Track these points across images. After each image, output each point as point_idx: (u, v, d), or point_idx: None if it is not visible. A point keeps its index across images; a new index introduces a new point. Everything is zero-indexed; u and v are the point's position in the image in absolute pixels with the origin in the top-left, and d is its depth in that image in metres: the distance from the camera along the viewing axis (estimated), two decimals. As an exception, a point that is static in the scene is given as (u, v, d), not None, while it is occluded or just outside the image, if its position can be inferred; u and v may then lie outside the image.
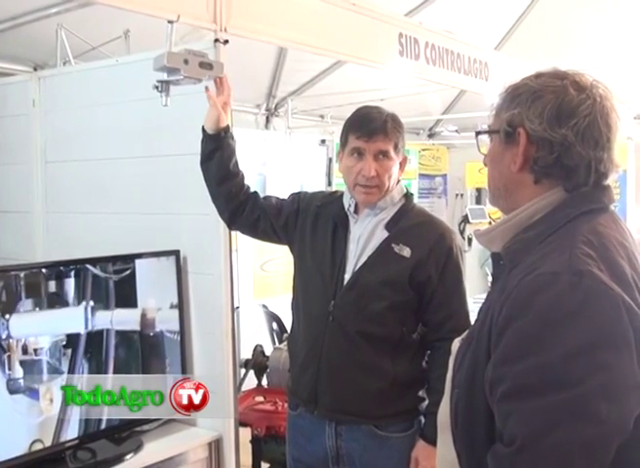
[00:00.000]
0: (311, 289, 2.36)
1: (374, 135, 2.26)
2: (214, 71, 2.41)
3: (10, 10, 3.74)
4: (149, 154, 2.98)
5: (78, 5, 3.42)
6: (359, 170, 2.28)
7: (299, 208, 2.47)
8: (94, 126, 3.23)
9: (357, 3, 3.33)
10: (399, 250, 2.25)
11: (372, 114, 2.30)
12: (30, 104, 3.50)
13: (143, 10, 2.44)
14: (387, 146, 2.27)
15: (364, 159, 2.27)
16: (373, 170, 2.26)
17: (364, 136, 2.26)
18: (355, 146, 2.29)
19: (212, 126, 2.41)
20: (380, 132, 2.26)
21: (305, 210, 2.45)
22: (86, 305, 2.50)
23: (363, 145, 2.27)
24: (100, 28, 3.94)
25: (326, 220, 2.39)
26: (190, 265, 2.84)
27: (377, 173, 2.27)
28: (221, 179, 2.46)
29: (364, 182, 2.28)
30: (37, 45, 4.19)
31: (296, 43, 3.15)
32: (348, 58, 3.57)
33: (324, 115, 6.90)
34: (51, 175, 3.46)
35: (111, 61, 3.26)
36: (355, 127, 2.30)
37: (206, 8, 2.60)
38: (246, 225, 2.54)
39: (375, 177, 2.27)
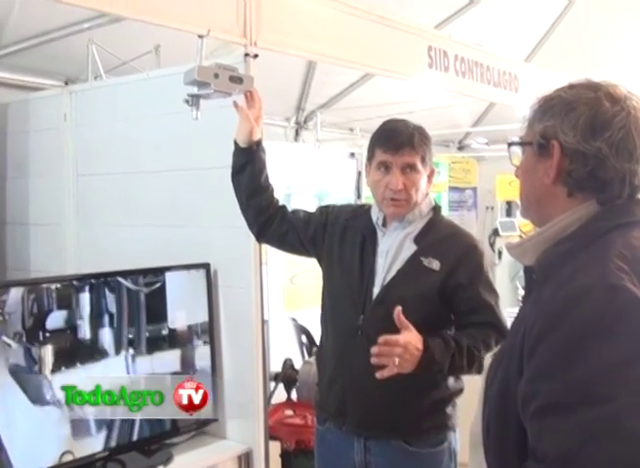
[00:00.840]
0: (340, 302, 2.35)
1: (400, 148, 2.25)
2: (244, 85, 2.43)
3: (41, 25, 3.79)
4: (180, 167, 3.01)
5: (109, 20, 3.44)
6: (386, 183, 2.27)
7: (327, 221, 2.47)
8: (125, 139, 3.26)
9: (386, 16, 3.34)
10: (428, 263, 2.24)
11: (398, 128, 2.30)
12: (62, 118, 3.54)
13: (174, 25, 2.46)
14: (414, 159, 2.26)
15: (391, 172, 2.27)
16: (400, 183, 2.25)
17: (390, 150, 2.26)
18: (382, 160, 2.28)
19: (244, 139, 2.42)
20: (406, 145, 2.25)
21: (333, 223, 2.45)
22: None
23: (390, 159, 2.26)
24: (131, 43, 3.97)
25: (354, 234, 2.38)
26: (220, 278, 2.85)
27: (404, 186, 2.26)
28: (252, 193, 2.47)
29: (391, 196, 2.28)
30: (68, 60, 4.23)
31: (325, 56, 3.16)
32: (377, 70, 3.57)
33: (353, 128, 6.90)
34: (82, 188, 3.50)
35: (142, 76, 3.30)
36: (381, 141, 2.30)
37: (236, 22, 2.62)
38: (274, 238, 2.55)
39: (402, 191, 2.26)
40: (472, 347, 2.15)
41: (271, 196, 2.50)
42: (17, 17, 3.77)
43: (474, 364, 2.15)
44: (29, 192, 3.78)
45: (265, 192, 2.48)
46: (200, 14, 2.49)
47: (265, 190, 2.48)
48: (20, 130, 3.82)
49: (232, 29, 2.62)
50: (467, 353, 2.14)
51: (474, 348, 2.15)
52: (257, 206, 2.48)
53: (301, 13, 2.93)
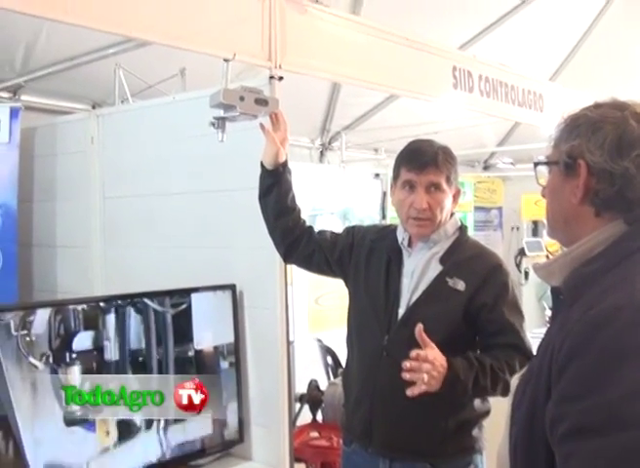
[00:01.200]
0: (365, 323, 2.35)
1: (425, 167, 2.25)
2: (269, 107, 2.45)
3: (69, 50, 3.85)
4: (206, 189, 3.03)
5: (135, 45, 3.49)
6: (411, 202, 2.28)
7: (353, 242, 2.47)
8: (151, 162, 3.29)
9: (410, 37, 3.35)
10: (453, 283, 2.23)
11: (423, 147, 2.30)
12: (89, 141, 3.59)
13: (200, 49, 2.49)
14: (439, 178, 2.26)
15: (416, 192, 2.27)
16: (424, 202, 2.25)
17: (415, 169, 2.26)
18: (407, 179, 2.29)
19: (270, 161, 2.44)
20: (431, 164, 2.25)
21: (360, 244, 2.45)
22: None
23: (414, 178, 2.27)
24: (157, 67, 4.02)
25: (380, 254, 2.38)
26: (246, 299, 2.86)
27: (428, 205, 2.26)
28: (279, 214, 2.48)
29: (416, 215, 2.28)
30: (95, 84, 4.30)
31: (349, 78, 3.18)
32: (402, 92, 3.58)
33: (378, 149, 6.92)
34: (109, 210, 3.53)
35: (168, 99, 3.34)
36: (406, 160, 2.30)
37: (261, 46, 2.65)
38: (301, 259, 2.55)
39: (427, 210, 2.26)
40: (496, 368, 2.13)
41: (298, 217, 2.52)
42: (44, 42, 3.85)
43: (498, 385, 2.13)
44: (56, 215, 3.83)
45: (292, 213, 2.50)
46: (226, 38, 2.53)
47: (292, 211, 2.50)
48: (47, 153, 3.88)
49: (258, 53, 2.65)
50: (491, 373, 2.12)
51: (498, 369, 2.13)
52: (284, 227, 2.49)
53: (326, 35, 2.96)
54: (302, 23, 2.83)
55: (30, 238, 3.94)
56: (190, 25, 2.45)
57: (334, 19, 3.00)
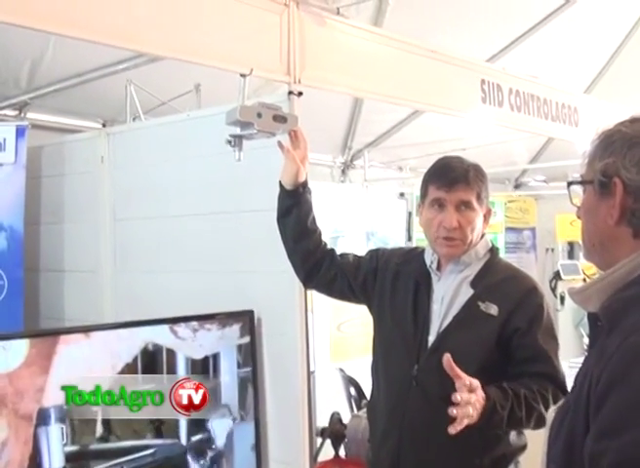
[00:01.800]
0: (392, 351, 2.35)
1: (454, 184, 2.26)
2: (288, 124, 2.47)
3: (78, 66, 3.89)
4: (221, 210, 3.05)
5: (147, 60, 3.54)
6: (440, 221, 2.28)
7: (377, 265, 2.48)
8: (164, 182, 3.32)
9: (436, 50, 3.37)
10: (485, 308, 2.23)
11: (452, 163, 2.31)
12: (99, 161, 3.62)
13: (215, 64, 2.53)
14: (469, 196, 2.27)
15: (445, 210, 2.27)
16: (454, 221, 2.26)
17: (444, 186, 2.27)
18: (435, 197, 2.29)
19: (289, 181, 2.46)
20: (460, 181, 2.26)
21: (384, 267, 2.46)
22: None
23: (443, 195, 2.27)
24: (170, 83, 4.06)
25: (407, 279, 2.38)
26: (264, 326, 2.87)
27: (458, 224, 2.26)
28: (299, 236, 2.49)
29: (446, 234, 2.28)
30: (106, 101, 4.34)
31: (372, 93, 3.20)
32: (428, 107, 3.60)
33: (402, 167, 6.94)
34: (120, 233, 3.56)
35: (182, 116, 3.37)
36: (435, 177, 2.31)
37: (279, 60, 2.68)
38: (322, 284, 2.56)
39: (456, 229, 2.26)
40: (530, 398, 2.11)
41: (319, 239, 2.53)
42: (51, 57, 3.89)
43: (532, 416, 2.12)
44: (64, 238, 3.87)
45: (313, 235, 2.51)
46: (242, 52, 2.56)
47: (313, 233, 2.51)
48: (55, 173, 3.92)
49: (276, 67, 2.68)
50: (525, 404, 2.11)
51: (532, 400, 2.12)
52: (304, 250, 2.51)
53: (347, 49, 2.98)
54: (322, 36, 2.86)
55: (37, 262, 3.98)
56: (205, 39, 2.49)
57: (355, 32, 3.03)
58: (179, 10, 2.41)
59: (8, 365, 2.29)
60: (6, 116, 4.15)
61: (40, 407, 2.33)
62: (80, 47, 3.35)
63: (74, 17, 2.17)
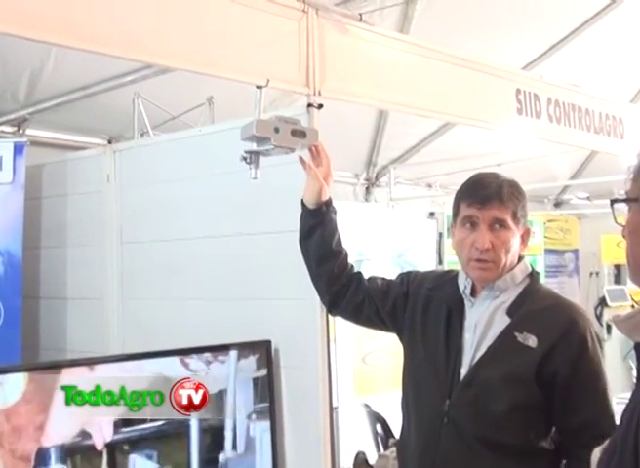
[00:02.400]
0: (423, 385, 2.34)
1: (487, 201, 2.26)
2: (307, 139, 2.48)
3: (81, 78, 3.93)
4: (236, 233, 3.07)
5: (156, 72, 3.56)
6: (472, 242, 2.27)
7: (408, 290, 2.48)
8: (175, 202, 3.35)
9: (467, 57, 3.38)
10: (523, 339, 2.21)
11: (486, 179, 2.32)
12: (105, 180, 3.65)
13: (229, 75, 2.54)
14: (504, 215, 2.26)
15: (477, 229, 2.27)
16: (487, 241, 2.25)
17: (476, 203, 2.27)
18: (467, 215, 2.29)
19: (312, 199, 2.48)
20: (494, 198, 2.26)
21: (416, 292, 2.46)
22: None
23: (476, 213, 2.27)
24: (181, 96, 4.10)
25: (439, 305, 2.38)
26: (282, 357, 2.87)
27: (492, 245, 2.25)
28: (323, 259, 2.51)
29: (478, 256, 2.27)
30: (112, 116, 4.38)
31: (398, 104, 3.21)
32: (459, 119, 3.61)
33: (432, 184, 6.94)
34: (127, 257, 3.58)
35: (194, 132, 3.41)
36: (467, 193, 2.32)
37: (297, 70, 2.69)
38: (349, 310, 2.57)
39: (490, 250, 2.25)
40: None
41: (345, 262, 2.54)
42: (52, 69, 3.94)
43: None
44: (67, 263, 3.89)
45: (338, 257, 2.52)
46: (258, 62, 2.57)
47: (338, 255, 2.52)
48: (56, 193, 3.95)
49: (294, 78, 2.69)
50: None
51: None
52: (328, 273, 2.52)
53: (370, 57, 3.00)
54: (344, 45, 2.88)
55: (37, 290, 4.01)
56: (218, 49, 2.51)
57: (379, 39, 3.05)
58: (189, 18, 2.43)
59: (4, 401, 2.30)
60: (3, 132, 4.19)
61: (39, 446, 2.33)
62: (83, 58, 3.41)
63: (77, 25, 2.17)
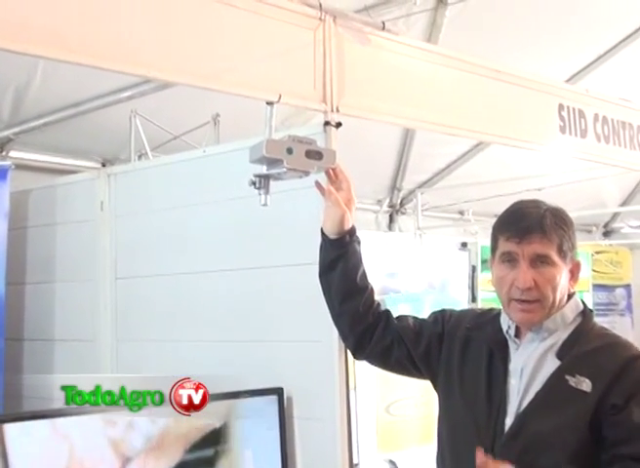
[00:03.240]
0: (461, 437, 2.33)
1: (527, 234, 2.24)
2: (324, 161, 2.48)
3: (72, 95, 3.96)
4: (244, 266, 3.08)
5: (155, 87, 3.59)
6: (512, 280, 2.26)
7: (443, 330, 2.47)
8: (175, 233, 3.36)
9: (503, 69, 3.39)
10: (575, 383, 2.19)
11: (525, 209, 2.31)
12: (97, 208, 3.68)
13: (237, 91, 2.56)
14: (547, 249, 2.25)
15: (518, 266, 2.26)
16: (528, 280, 2.24)
17: (515, 237, 2.26)
18: (506, 250, 2.28)
19: (334, 228, 2.48)
20: (535, 230, 2.25)
21: (452, 333, 2.45)
22: None
23: (515, 248, 2.26)
24: (183, 113, 4.13)
25: (479, 347, 2.37)
26: (296, 407, 2.87)
27: (535, 283, 2.24)
28: (346, 296, 2.51)
29: (519, 296, 2.26)
30: (106, 136, 4.42)
31: (425, 122, 3.21)
32: (494, 138, 3.60)
33: (464, 211, 6.95)
34: (122, 294, 3.59)
35: (197, 153, 3.43)
36: (505, 226, 2.31)
37: (313, 85, 2.71)
38: (376, 354, 2.56)
39: (532, 289, 2.24)
40: None
41: (370, 299, 2.54)
42: (39, 84, 3.96)
43: None
44: (55, 300, 3.91)
45: (363, 294, 2.52)
46: (269, 76, 2.59)
47: (363, 291, 2.52)
48: (44, 222, 3.97)
49: (309, 93, 2.71)
50: None
51: None
52: (352, 312, 2.51)
53: (395, 70, 3.02)
54: (365, 56, 2.90)
55: (21, 330, 4.01)
56: (224, 62, 2.52)
57: (405, 50, 3.07)
58: (192, 27, 2.45)
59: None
60: (-17, 155, 4.22)
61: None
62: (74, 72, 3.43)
63: (67, 36, 2.19)
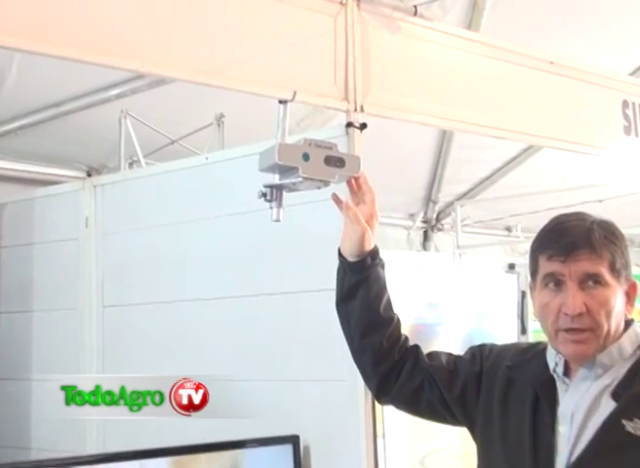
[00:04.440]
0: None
1: (573, 250, 2.21)
2: (346, 169, 2.46)
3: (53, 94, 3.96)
4: (251, 293, 3.09)
5: (149, 83, 3.59)
6: (558, 306, 2.24)
7: (482, 369, 2.46)
8: (172, 254, 3.38)
9: (557, 61, 3.39)
10: (634, 428, 2.19)
11: (568, 222, 2.28)
12: (82, 224, 3.70)
13: (244, 88, 2.57)
14: (598, 267, 2.22)
15: (564, 289, 2.24)
16: (579, 303, 2.20)
17: (558, 255, 2.23)
18: (549, 272, 2.25)
19: (353, 249, 2.45)
20: (582, 245, 2.22)
21: (492, 372, 2.44)
22: None
23: (560, 269, 2.23)
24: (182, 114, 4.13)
25: (522, 388, 2.36)
26: (315, 459, 2.87)
27: (586, 307, 2.22)
28: (367, 328, 2.49)
29: (568, 325, 2.23)
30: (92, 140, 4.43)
31: (465, 123, 3.20)
32: (546, 141, 3.60)
33: (511, 227, 6.93)
34: (110, 324, 3.61)
35: (198, 160, 3.45)
36: (545, 243, 2.28)
37: (333, 80, 2.72)
38: (403, 397, 2.54)
39: (583, 315, 2.22)
40: None
41: (396, 332, 2.51)
42: (15, 82, 3.94)
43: None
44: (32, 332, 3.92)
45: (388, 326, 2.50)
46: (282, 70, 2.60)
47: (388, 323, 2.50)
48: (20, 242, 4.00)
49: (328, 90, 2.72)
50: None
51: None
52: (375, 347, 2.49)
53: (429, 62, 3.02)
54: (394, 46, 2.91)
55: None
56: (229, 54, 2.54)
57: (441, 39, 3.07)
58: (192, 15, 2.46)
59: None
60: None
61: None
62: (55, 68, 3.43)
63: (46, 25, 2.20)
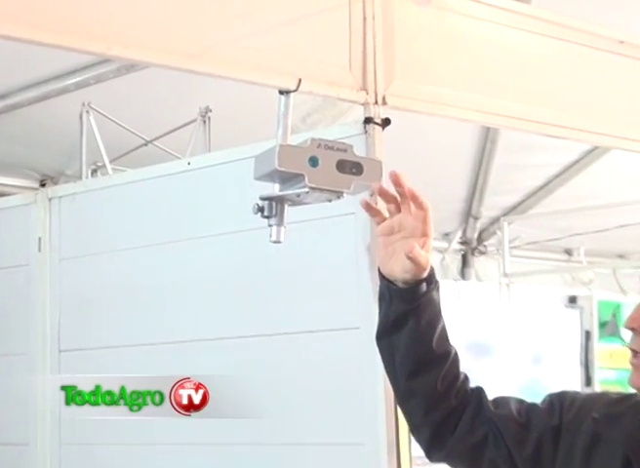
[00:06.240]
0: None
1: None
2: (364, 176, 2.40)
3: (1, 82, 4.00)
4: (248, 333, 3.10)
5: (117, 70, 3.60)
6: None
7: (561, 423, 2.44)
8: (144, 284, 3.40)
9: (629, 40, 3.38)
10: None
11: None
12: (34, 247, 3.72)
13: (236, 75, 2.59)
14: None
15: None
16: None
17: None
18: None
19: (405, 273, 2.32)
20: None
21: (574, 427, 2.42)
22: None
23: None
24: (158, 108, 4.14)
25: (611, 449, 2.36)
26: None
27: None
28: (418, 367, 2.42)
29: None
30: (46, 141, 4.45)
31: (513, 119, 3.20)
32: (615, 141, 3.59)
33: (572, 250, 6.94)
34: (68, 373, 3.60)
35: (178, 165, 3.47)
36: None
37: (348, 65, 2.72)
38: (460, 453, 2.50)
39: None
40: None
41: (454, 370, 2.42)
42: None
43: None
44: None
45: (443, 364, 2.42)
46: (283, 53, 2.61)
47: (443, 360, 2.42)
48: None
49: (341, 77, 2.72)
50: None
51: None
52: (427, 390, 2.43)
53: (467, 42, 3.03)
54: (424, 23, 2.91)
55: None
56: (218, 34, 2.55)
57: (482, 12, 3.07)
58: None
59: None
60: None
61: None
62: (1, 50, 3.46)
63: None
